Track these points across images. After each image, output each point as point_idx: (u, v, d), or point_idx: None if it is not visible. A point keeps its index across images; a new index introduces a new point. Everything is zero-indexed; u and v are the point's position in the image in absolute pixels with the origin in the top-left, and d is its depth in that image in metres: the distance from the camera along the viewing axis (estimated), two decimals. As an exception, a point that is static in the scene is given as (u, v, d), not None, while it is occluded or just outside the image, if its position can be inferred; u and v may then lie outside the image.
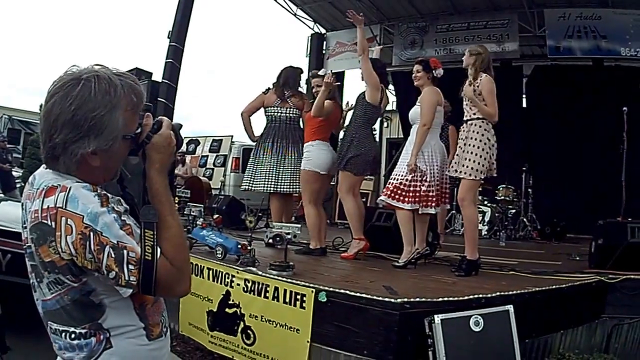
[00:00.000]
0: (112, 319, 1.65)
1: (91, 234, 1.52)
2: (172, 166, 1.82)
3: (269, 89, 7.25)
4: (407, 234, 5.64)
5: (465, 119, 5.53)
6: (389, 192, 5.71)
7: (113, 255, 1.53)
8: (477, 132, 5.36)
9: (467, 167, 5.32)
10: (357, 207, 6.20)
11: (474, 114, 5.41)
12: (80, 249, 1.52)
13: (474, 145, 5.34)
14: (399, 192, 5.65)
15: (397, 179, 5.72)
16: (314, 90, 6.81)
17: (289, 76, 7.16)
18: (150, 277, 1.56)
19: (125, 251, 1.54)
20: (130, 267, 1.54)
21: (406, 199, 5.60)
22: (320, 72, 6.87)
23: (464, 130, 5.53)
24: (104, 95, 1.56)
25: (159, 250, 1.60)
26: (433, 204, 5.59)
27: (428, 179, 5.60)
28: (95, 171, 1.65)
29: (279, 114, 7.11)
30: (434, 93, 5.82)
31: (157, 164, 1.70)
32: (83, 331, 1.63)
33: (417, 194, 5.58)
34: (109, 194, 1.61)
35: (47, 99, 1.58)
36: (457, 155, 5.50)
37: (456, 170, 5.45)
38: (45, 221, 1.55)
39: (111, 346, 1.64)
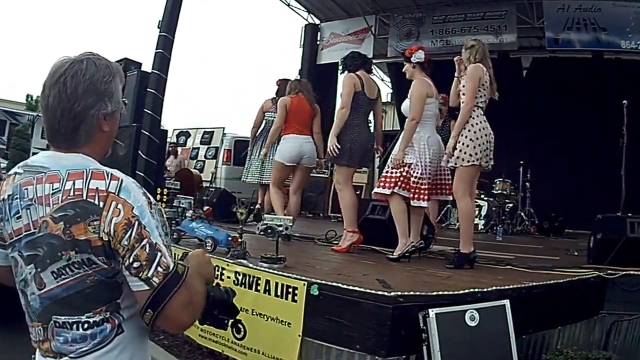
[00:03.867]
0: (127, 298, 1.69)
1: (137, 223, 1.61)
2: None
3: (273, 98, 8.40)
4: (401, 226, 5.53)
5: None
6: (379, 183, 5.70)
7: (147, 250, 1.61)
8: (467, 122, 5.32)
9: (457, 157, 5.26)
10: (353, 198, 6.19)
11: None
12: (120, 232, 1.59)
13: (461, 135, 5.29)
14: (385, 179, 5.62)
15: (386, 170, 5.71)
16: None
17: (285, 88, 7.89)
18: (172, 287, 1.61)
19: (159, 253, 1.62)
20: (159, 269, 1.61)
21: (387, 185, 5.56)
22: None
23: None
24: (105, 67, 1.76)
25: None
26: (424, 197, 5.49)
27: (419, 172, 5.50)
28: (104, 139, 1.80)
29: (272, 118, 8.02)
30: (422, 85, 5.70)
31: (195, 264, 1.79)
32: (97, 318, 1.66)
33: (405, 182, 5.51)
34: (151, 199, 1.73)
35: (55, 80, 1.69)
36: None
37: (449, 162, 5.37)
38: (92, 200, 1.61)
39: (123, 331, 1.69)
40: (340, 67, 6.72)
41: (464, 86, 5.36)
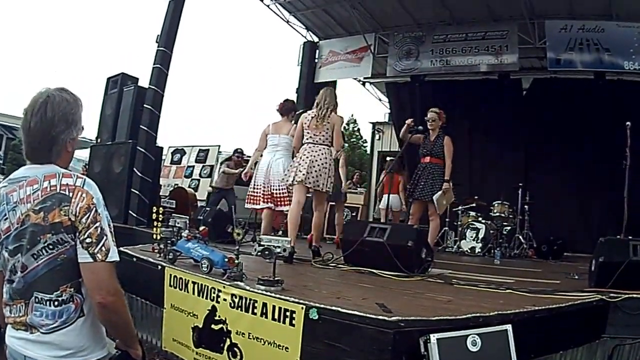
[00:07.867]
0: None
1: (94, 208, 2.14)
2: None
3: None
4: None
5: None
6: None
7: (98, 231, 2.12)
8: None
9: None
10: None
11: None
12: (81, 213, 2.12)
13: None
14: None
15: None
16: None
17: None
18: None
19: (105, 237, 2.13)
20: (103, 248, 2.11)
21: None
22: None
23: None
24: (73, 100, 2.25)
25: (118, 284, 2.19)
26: (257, 202, 7.97)
27: (254, 185, 8.06)
28: (68, 156, 2.29)
29: None
30: (265, 127, 8.21)
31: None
32: (65, 296, 2.13)
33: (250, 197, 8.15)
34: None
35: (37, 109, 2.16)
36: None
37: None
38: (64, 192, 2.14)
39: (83, 314, 2.17)
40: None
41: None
